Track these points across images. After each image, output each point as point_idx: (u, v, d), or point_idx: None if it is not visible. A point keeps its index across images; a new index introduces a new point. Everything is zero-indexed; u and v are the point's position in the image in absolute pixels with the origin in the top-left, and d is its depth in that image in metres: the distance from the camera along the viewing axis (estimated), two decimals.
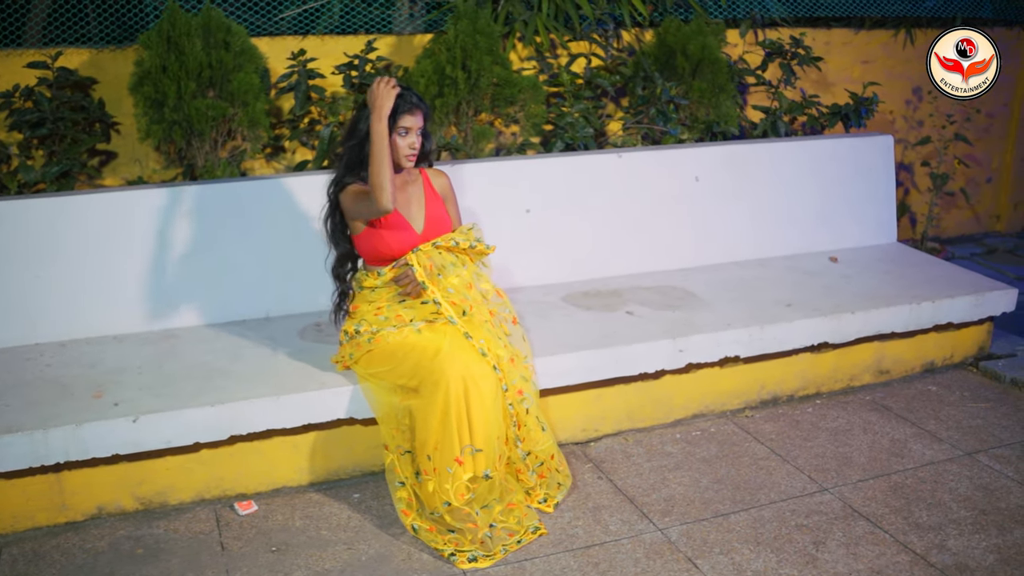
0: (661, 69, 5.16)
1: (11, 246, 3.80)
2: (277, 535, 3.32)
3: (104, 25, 4.65)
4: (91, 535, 3.31)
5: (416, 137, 3.37)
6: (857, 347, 4.35)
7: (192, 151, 4.35)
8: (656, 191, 4.71)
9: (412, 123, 3.34)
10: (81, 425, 3.18)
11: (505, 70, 4.65)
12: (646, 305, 4.25)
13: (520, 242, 4.45)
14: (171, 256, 3.97)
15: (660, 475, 3.71)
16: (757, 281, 4.57)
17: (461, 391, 3.15)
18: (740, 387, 4.19)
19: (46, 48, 4.44)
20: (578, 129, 4.71)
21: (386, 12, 4.98)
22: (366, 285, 3.50)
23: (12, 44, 4.50)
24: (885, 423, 4.12)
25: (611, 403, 3.96)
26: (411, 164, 3.42)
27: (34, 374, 3.57)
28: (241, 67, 4.28)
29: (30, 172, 4.15)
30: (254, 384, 3.46)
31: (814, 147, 5.05)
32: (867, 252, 5.04)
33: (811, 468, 3.75)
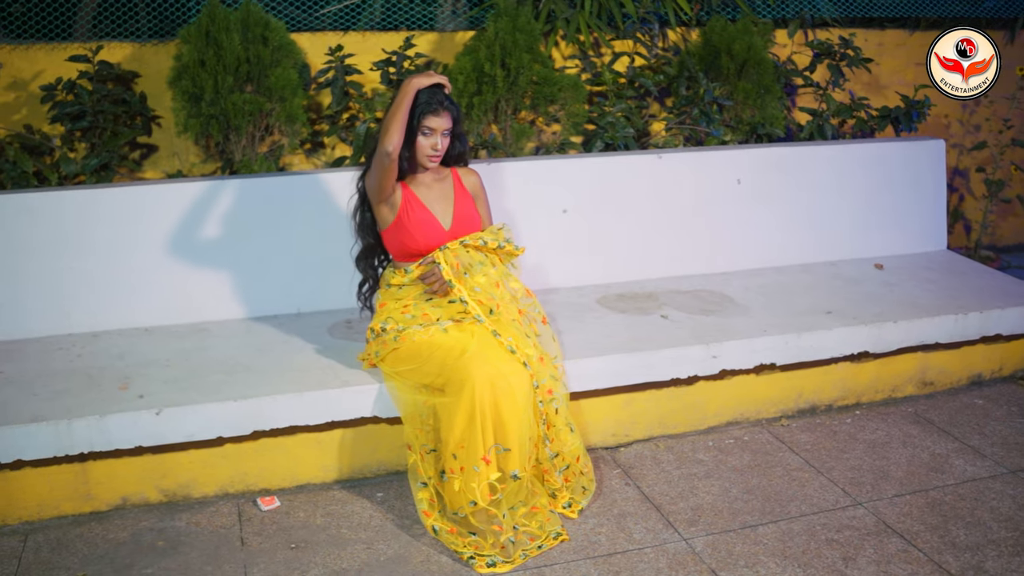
0: (706, 69, 5.07)
1: (47, 237, 3.85)
2: (297, 532, 3.30)
3: (150, 20, 4.70)
4: (114, 525, 3.33)
5: (440, 139, 3.33)
6: (900, 357, 4.22)
7: (230, 146, 4.36)
8: (696, 193, 4.62)
9: (436, 124, 3.30)
10: (105, 416, 3.20)
11: (545, 68, 4.59)
12: (681, 309, 4.16)
13: (556, 242, 4.40)
14: (204, 250, 3.98)
15: (689, 483, 3.63)
16: (797, 287, 4.46)
17: (487, 391, 3.11)
18: (776, 395, 4.09)
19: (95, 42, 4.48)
20: (618, 129, 4.64)
21: (428, 9, 4.95)
22: (393, 282, 3.47)
23: (61, 38, 4.56)
24: (926, 437, 3.99)
25: (642, 408, 3.89)
26: (433, 165, 3.39)
27: (64, 364, 3.60)
28: (279, 62, 4.28)
29: (70, 164, 4.19)
30: (278, 380, 3.45)
31: (860, 151, 4.91)
32: (914, 260, 4.90)
33: (845, 481, 3.64)
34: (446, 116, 3.32)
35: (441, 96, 3.31)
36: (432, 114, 3.29)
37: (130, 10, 4.63)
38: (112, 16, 4.60)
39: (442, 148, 3.36)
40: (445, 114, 3.32)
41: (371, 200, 3.43)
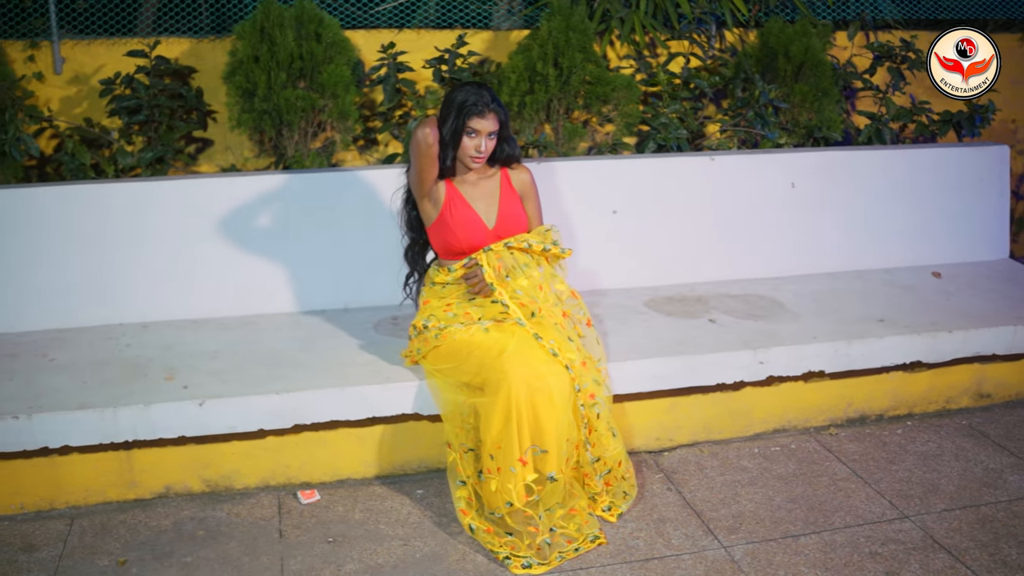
0: (763, 71, 4.99)
1: (100, 228, 3.93)
2: (335, 526, 3.32)
3: (209, 16, 4.77)
4: (157, 513, 3.37)
5: (485, 140, 3.32)
6: (955, 368, 4.11)
7: (283, 141, 4.40)
8: (749, 196, 4.56)
9: (481, 126, 3.29)
10: (149, 406, 3.25)
11: (598, 68, 4.56)
12: (729, 314, 4.10)
13: (606, 244, 4.37)
14: (254, 244, 4.03)
15: (732, 490, 3.57)
16: (850, 294, 4.37)
17: (523, 393, 3.09)
18: (825, 403, 4.01)
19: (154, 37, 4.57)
20: (671, 130, 4.59)
21: (483, 7, 4.95)
22: (437, 280, 3.47)
23: (123, 33, 4.65)
24: (980, 450, 3.88)
25: (687, 413, 3.84)
26: (477, 166, 3.38)
27: (113, 354, 3.67)
28: (332, 59, 4.32)
29: (126, 157, 4.27)
30: (321, 375, 3.47)
31: (919, 156, 4.80)
32: (974, 268, 4.77)
33: (893, 493, 3.55)
34: (492, 118, 3.31)
35: (488, 97, 3.30)
36: (477, 116, 3.28)
37: (191, 6, 4.71)
38: (173, 12, 4.68)
39: (486, 150, 3.34)
40: (491, 116, 3.30)
41: (414, 195, 3.44)
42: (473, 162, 3.37)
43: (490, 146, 3.35)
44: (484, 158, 3.37)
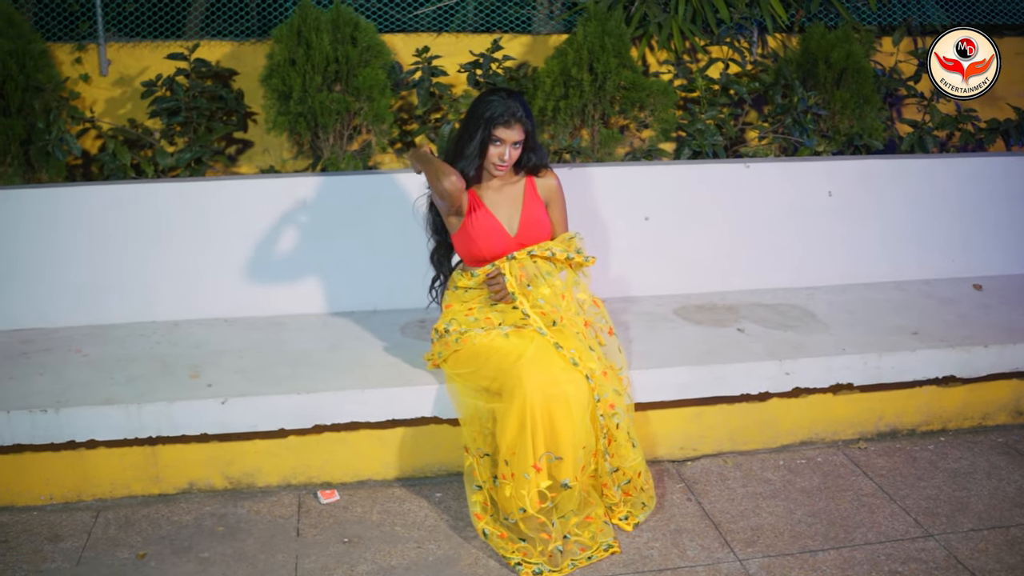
0: (803, 77, 4.91)
1: (136, 227, 4.02)
2: (352, 527, 3.35)
3: (254, 19, 4.85)
4: (180, 508, 3.44)
5: (510, 149, 3.33)
6: (992, 383, 4.01)
7: (319, 143, 4.46)
8: (784, 204, 4.49)
9: (506, 136, 3.30)
10: (173, 403, 3.31)
11: (634, 73, 4.53)
12: (759, 323, 4.05)
13: (637, 250, 4.35)
14: (285, 245, 4.09)
15: (753, 502, 3.52)
16: (885, 305, 4.28)
17: (538, 399, 3.09)
18: (855, 416, 3.94)
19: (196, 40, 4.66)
20: (707, 136, 4.54)
21: (522, 12, 4.96)
22: (460, 285, 3.49)
23: (174, 36, 4.75)
24: (1015, 469, 3.77)
25: (712, 422, 3.80)
26: (500, 174, 3.40)
27: (143, 350, 3.75)
28: (368, 63, 4.36)
29: (165, 157, 4.35)
30: (343, 376, 3.51)
31: (963, 165, 4.69)
32: (1017, 281, 4.64)
33: (919, 510, 3.47)
34: (517, 128, 3.32)
35: (515, 108, 3.30)
36: (503, 125, 3.29)
37: (237, 9, 4.78)
38: (222, 15, 4.77)
39: (510, 159, 3.35)
40: (517, 126, 3.31)
41: (439, 208, 3.47)
42: (496, 169, 3.38)
43: (514, 155, 3.36)
44: (508, 167, 3.39)
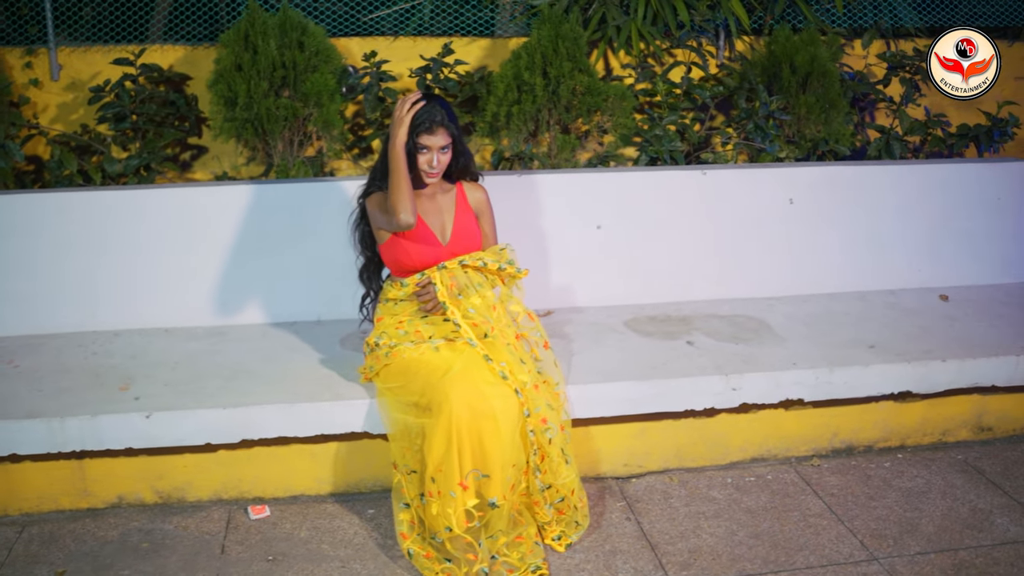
0: (769, 81, 4.78)
1: (78, 235, 3.96)
2: (279, 544, 3.27)
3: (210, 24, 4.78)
4: (107, 523, 3.37)
5: (437, 155, 3.26)
6: (952, 399, 3.88)
7: (270, 150, 4.38)
8: (745, 212, 4.37)
9: (430, 142, 3.24)
10: (96, 416, 3.25)
11: (589, 78, 4.42)
12: (712, 335, 3.94)
13: (589, 260, 4.25)
14: (230, 253, 4.01)
15: (694, 522, 3.42)
16: (845, 317, 4.16)
17: (465, 414, 3.00)
18: (808, 432, 3.82)
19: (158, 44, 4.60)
20: (664, 142, 4.42)
21: (481, 14, 4.86)
22: (390, 297, 3.41)
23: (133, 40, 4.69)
24: (971, 488, 3.65)
25: (657, 438, 3.70)
26: (432, 181, 3.33)
27: (77, 361, 3.68)
28: (316, 68, 4.28)
29: (113, 164, 4.29)
30: (273, 389, 3.43)
31: (932, 171, 4.55)
32: (987, 292, 4.49)
33: (867, 532, 3.36)
34: (441, 133, 3.25)
35: (436, 114, 3.24)
36: (426, 132, 3.23)
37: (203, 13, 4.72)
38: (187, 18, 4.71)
39: (439, 164, 3.28)
40: (440, 131, 3.24)
41: (373, 226, 3.39)
42: (428, 177, 3.31)
43: (443, 160, 3.29)
44: (438, 173, 3.32)
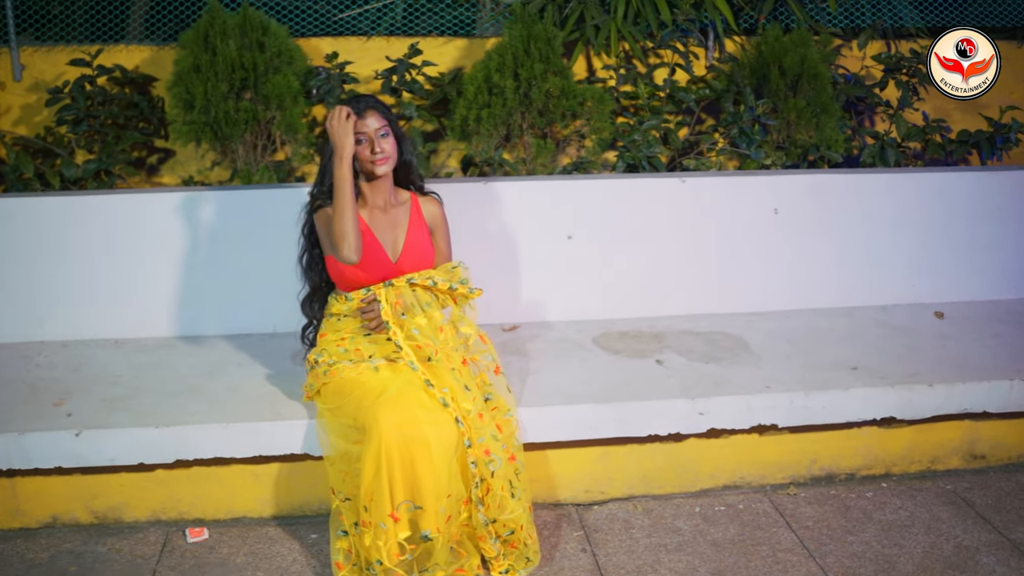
0: (758, 84, 4.54)
1: (27, 242, 3.82)
2: (212, 571, 3.11)
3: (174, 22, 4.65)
4: (38, 544, 3.23)
5: (378, 140, 3.08)
6: (941, 425, 3.63)
7: (234, 154, 4.23)
8: (725, 222, 4.14)
9: (364, 127, 3.06)
10: (24, 434, 3.10)
11: (564, 80, 4.20)
12: (684, 354, 3.72)
13: (558, 272, 4.04)
14: (184, 262, 3.87)
15: (654, 555, 3.21)
16: (830, 334, 3.92)
17: (395, 441, 2.81)
18: (785, 459, 3.59)
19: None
20: (642, 148, 4.20)
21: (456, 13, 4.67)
22: (334, 311, 3.23)
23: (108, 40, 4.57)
24: (957, 522, 3.40)
25: (621, 463, 3.49)
26: (384, 169, 3.12)
27: (17, 374, 3.55)
28: (279, 69, 4.11)
29: (71, 168, 4.16)
30: (212, 407, 3.27)
31: (928, 180, 4.29)
32: (985, 308, 4.22)
33: (839, 570, 3.12)
34: (373, 115, 3.08)
35: (361, 100, 3.10)
36: (358, 119, 3.06)
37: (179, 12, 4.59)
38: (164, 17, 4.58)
39: (383, 150, 3.09)
40: (371, 113, 3.08)
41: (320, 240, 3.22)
42: (378, 167, 3.11)
43: (385, 146, 3.10)
44: (388, 158, 3.12)
